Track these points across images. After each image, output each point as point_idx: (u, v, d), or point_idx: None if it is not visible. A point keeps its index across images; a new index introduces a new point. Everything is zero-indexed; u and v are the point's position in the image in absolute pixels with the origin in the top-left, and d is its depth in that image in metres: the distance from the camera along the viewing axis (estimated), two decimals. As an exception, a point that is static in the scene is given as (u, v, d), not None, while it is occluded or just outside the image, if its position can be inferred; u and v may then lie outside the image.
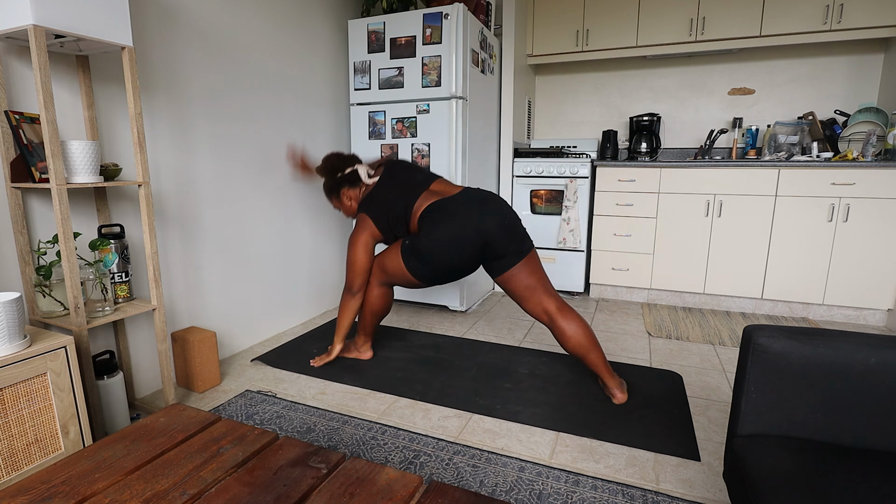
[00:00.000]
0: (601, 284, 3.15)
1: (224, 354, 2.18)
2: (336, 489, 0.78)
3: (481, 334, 2.49)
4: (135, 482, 0.80)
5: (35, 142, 1.37)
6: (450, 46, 2.47)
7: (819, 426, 0.94)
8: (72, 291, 1.34)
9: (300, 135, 2.53)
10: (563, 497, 1.26)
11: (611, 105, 3.52)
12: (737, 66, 3.16)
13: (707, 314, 2.82)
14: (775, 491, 0.79)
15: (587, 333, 1.76)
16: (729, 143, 3.24)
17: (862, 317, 2.65)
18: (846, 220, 2.54)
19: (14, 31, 1.23)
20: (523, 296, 1.83)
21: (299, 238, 2.59)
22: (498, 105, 3.14)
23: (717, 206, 2.76)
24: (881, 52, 2.85)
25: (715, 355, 2.22)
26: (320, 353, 2.20)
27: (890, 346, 0.90)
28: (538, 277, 1.82)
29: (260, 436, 0.94)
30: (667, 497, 1.27)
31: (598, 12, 3.14)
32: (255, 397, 1.81)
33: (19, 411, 1.16)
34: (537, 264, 1.84)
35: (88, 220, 1.62)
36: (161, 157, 1.83)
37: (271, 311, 2.44)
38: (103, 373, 1.54)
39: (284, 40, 2.38)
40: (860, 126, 2.71)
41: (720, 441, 1.54)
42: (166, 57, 1.81)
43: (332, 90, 2.76)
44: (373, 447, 1.49)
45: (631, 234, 2.97)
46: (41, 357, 1.19)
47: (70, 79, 1.53)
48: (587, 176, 2.98)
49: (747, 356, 0.98)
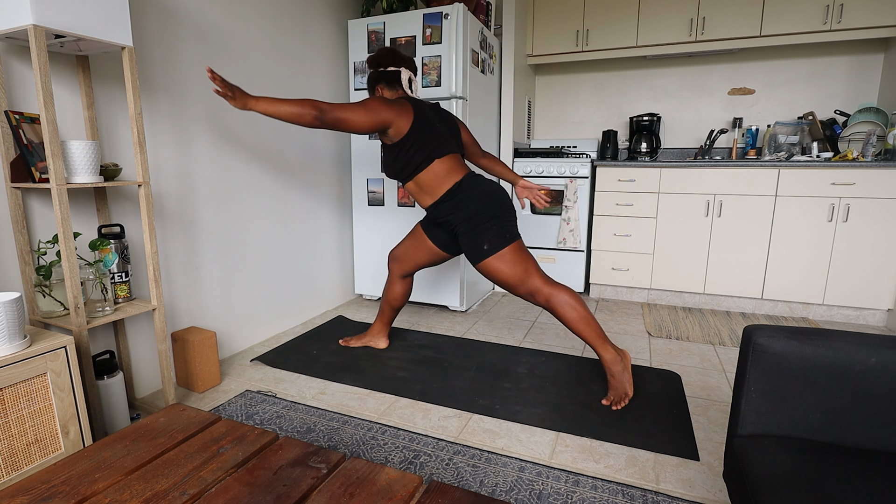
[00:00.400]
0: (601, 284, 3.15)
1: (224, 354, 2.18)
2: (336, 489, 0.78)
3: (481, 334, 2.49)
4: (135, 482, 0.80)
5: (35, 142, 1.37)
6: (450, 46, 2.47)
7: (819, 426, 0.94)
8: (72, 291, 1.34)
9: (300, 134, 2.53)
10: (563, 497, 1.26)
11: (611, 105, 3.52)
12: (737, 66, 3.16)
13: (707, 314, 2.82)
14: (775, 491, 0.79)
15: None
16: (729, 143, 3.24)
17: (862, 317, 2.65)
18: (846, 220, 2.54)
19: (14, 31, 1.23)
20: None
21: (299, 238, 2.59)
22: (498, 105, 3.14)
23: (717, 206, 2.76)
24: (881, 52, 2.85)
25: (715, 355, 2.22)
26: (320, 354, 2.20)
27: (890, 346, 0.90)
28: None
29: (260, 436, 0.94)
30: (667, 497, 1.27)
31: (598, 12, 3.14)
32: (255, 397, 1.81)
33: (19, 411, 1.16)
34: None
35: (88, 220, 1.62)
36: (161, 157, 1.83)
37: (271, 311, 2.44)
38: (103, 373, 1.54)
39: (284, 40, 2.38)
40: (860, 126, 2.71)
41: (720, 441, 1.54)
42: (166, 57, 1.81)
43: (332, 90, 2.76)
44: (373, 447, 1.49)
45: (631, 234, 2.97)
46: (41, 357, 1.19)
47: (70, 79, 1.53)
48: (587, 176, 2.98)
49: (747, 356, 0.98)
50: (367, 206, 2.85)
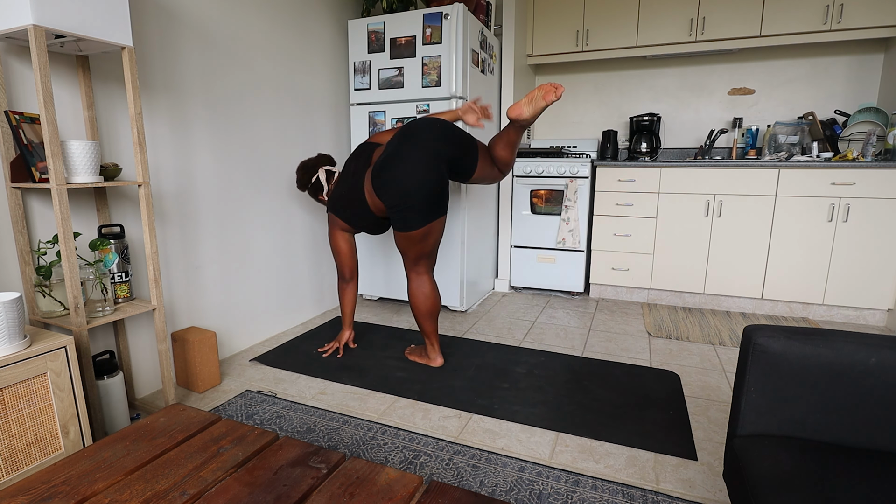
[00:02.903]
0: (601, 284, 3.15)
1: (224, 354, 2.18)
2: (336, 489, 0.78)
3: (481, 334, 2.49)
4: (135, 482, 0.80)
5: (35, 142, 1.37)
6: (450, 46, 2.47)
7: (819, 426, 0.94)
8: (72, 291, 1.34)
9: (300, 134, 2.53)
10: (563, 497, 1.26)
11: (611, 105, 3.52)
12: (737, 66, 3.16)
13: (707, 314, 2.82)
14: (775, 491, 0.79)
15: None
16: (729, 143, 3.24)
17: (862, 317, 2.65)
18: (846, 220, 2.54)
19: (14, 31, 1.23)
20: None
21: (299, 238, 2.59)
22: (498, 105, 3.14)
23: (717, 206, 2.76)
24: (881, 52, 2.85)
25: (715, 355, 2.22)
26: (320, 354, 2.20)
27: (890, 346, 0.90)
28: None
29: (260, 436, 0.94)
30: (667, 497, 1.27)
31: (598, 12, 3.14)
32: (255, 397, 1.81)
33: (19, 411, 1.16)
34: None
35: (88, 220, 1.62)
36: (161, 157, 1.83)
37: (271, 311, 2.44)
38: (103, 373, 1.54)
39: (284, 40, 2.38)
40: (860, 126, 2.71)
41: (720, 441, 1.54)
42: (166, 57, 1.81)
43: (332, 90, 2.76)
44: (373, 447, 1.49)
45: (631, 234, 2.97)
46: (41, 357, 1.19)
47: (70, 79, 1.53)
48: (587, 176, 2.98)
49: (747, 356, 0.98)
50: (367, 206, 2.85)
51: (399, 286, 2.89)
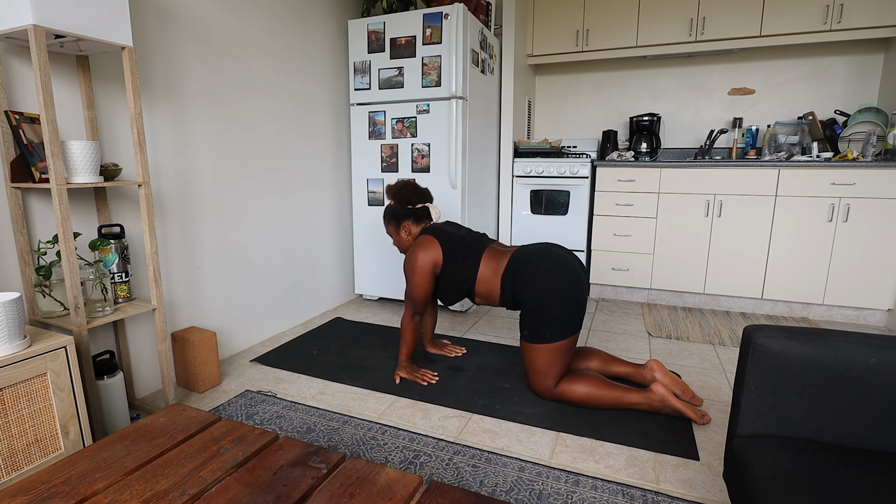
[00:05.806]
0: (601, 284, 3.15)
1: (224, 354, 2.18)
2: (336, 489, 0.78)
3: (481, 334, 2.49)
4: (135, 482, 0.80)
5: (35, 142, 1.37)
6: (450, 46, 2.47)
7: (819, 426, 0.94)
8: (72, 291, 1.34)
9: (300, 134, 2.53)
10: (564, 497, 1.26)
11: (611, 105, 3.52)
12: (737, 66, 3.16)
13: (707, 314, 2.82)
14: (775, 491, 0.79)
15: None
16: (729, 143, 3.24)
17: (862, 317, 2.65)
18: (846, 220, 2.54)
19: (14, 31, 1.23)
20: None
21: (299, 238, 2.59)
22: (498, 105, 3.13)
23: (717, 206, 2.76)
24: (881, 52, 2.85)
25: (715, 355, 2.22)
26: (320, 354, 2.20)
27: (890, 346, 0.90)
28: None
29: (260, 436, 0.94)
30: (667, 497, 1.27)
31: (598, 12, 3.14)
32: (255, 397, 1.81)
33: (19, 411, 1.16)
34: None
35: (88, 220, 1.62)
36: (161, 157, 1.83)
37: (271, 311, 2.44)
38: (103, 373, 1.54)
39: (284, 40, 2.38)
40: (860, 126, 2.71)
41: (720, 441, 1.54)
42: (166, 57, 1.81)
43: (332, 90, 2.76)
44: (373, 447, 1.49)
45: (631, 234, 2.97)
46: (41, 357, 1.19)
47: (70, 79, 1.53)
48: (587, 176, 2.98)
49: (747, 356, 0.98)
50: (367, 206, 2.85)
51: (399, 286, 2.89)
